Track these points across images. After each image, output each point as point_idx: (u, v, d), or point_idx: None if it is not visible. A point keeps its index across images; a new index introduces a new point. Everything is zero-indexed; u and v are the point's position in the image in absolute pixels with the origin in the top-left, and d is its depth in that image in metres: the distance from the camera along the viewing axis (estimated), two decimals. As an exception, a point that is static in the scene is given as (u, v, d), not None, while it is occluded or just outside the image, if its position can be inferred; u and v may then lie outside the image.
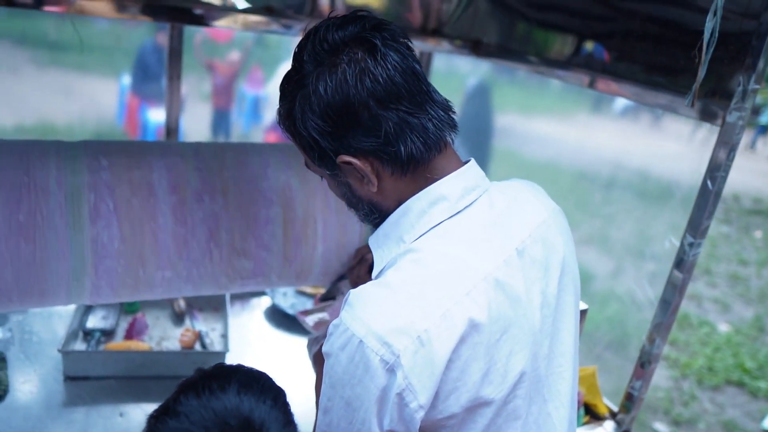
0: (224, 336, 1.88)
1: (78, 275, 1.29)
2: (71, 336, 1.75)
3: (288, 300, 2.15)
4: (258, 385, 0.92)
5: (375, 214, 1.01)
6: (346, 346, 0.87)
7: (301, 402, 1.73)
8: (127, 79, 6.16)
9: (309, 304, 2.15)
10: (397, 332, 0.86)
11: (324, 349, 0.92)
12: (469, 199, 0.98)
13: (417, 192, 0.97)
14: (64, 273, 1.28)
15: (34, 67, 7.82)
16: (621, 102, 9.05)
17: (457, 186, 0.97)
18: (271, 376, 1.00)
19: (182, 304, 1.97)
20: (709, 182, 1.42)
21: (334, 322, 0.90)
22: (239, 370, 0.96)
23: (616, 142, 8.64)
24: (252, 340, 1.95)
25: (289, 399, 1.05)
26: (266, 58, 7.60)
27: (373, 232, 1.04)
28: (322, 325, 1.60)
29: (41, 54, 8.04)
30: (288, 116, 0.96)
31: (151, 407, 1.64)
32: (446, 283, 0.90)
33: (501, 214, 1.00)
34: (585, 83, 1.80)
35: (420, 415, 0.86)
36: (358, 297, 0.90)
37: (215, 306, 2.01)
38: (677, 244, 1.53)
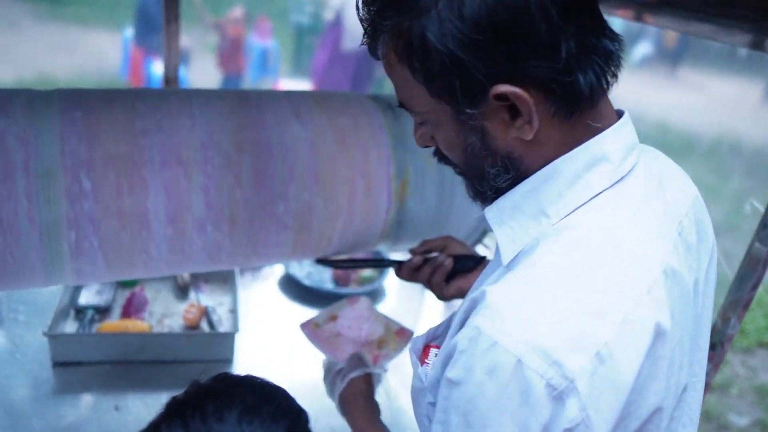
0: (233, 312, 1.65)
1: (54, 255, 1.05)
2: (60, 315, 1.52)
3: (304, 269, 1.92)
4: (269, 408, 0.69)
5: (508, 176, 0.72)
6: (496, 369, 0.62)
7: (322, 388, 1.52)
8: (130, 32, 5.85)
9: (326, 275, 1.91)
10: (568, 347, 0.62)
11: (452, 375, 0.65)
12: (630, 162, 0.72)
13: (572, 147, 0.70)
14: (36, 253, 1.04)
15: (33, 20, 7.48)
16: (641, 50, 8.67)
17: (619, 143, 0.72)
18: (289, 391, 0.77)
19: (186, 275, 1.73)
20: (758, 244, 1.15)
21: (466, 334, 0.65)
22: (245, 385, 0.72)
23: (633, 95, 8.30)
24: (265, 315, 1.72)
25: (310, 414, 0.81)
26: (273, 8, 7.25)
27: (482, 202, 0.77)
28: (336, 342, 1.31)
29: (41, 7, 7.71)
30: (408, 31, 0.66)
31: (151, 397, 1.43)
32: (621, 277, 0.66)
33: (657, 183, 0.75)
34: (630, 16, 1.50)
35: None
36: (504, 299, 0.65)
37: (223, 277, 1.77)
38: (762, 208, 1.26)
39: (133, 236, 1.07)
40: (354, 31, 5.34)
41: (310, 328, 1.33)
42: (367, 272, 1.90)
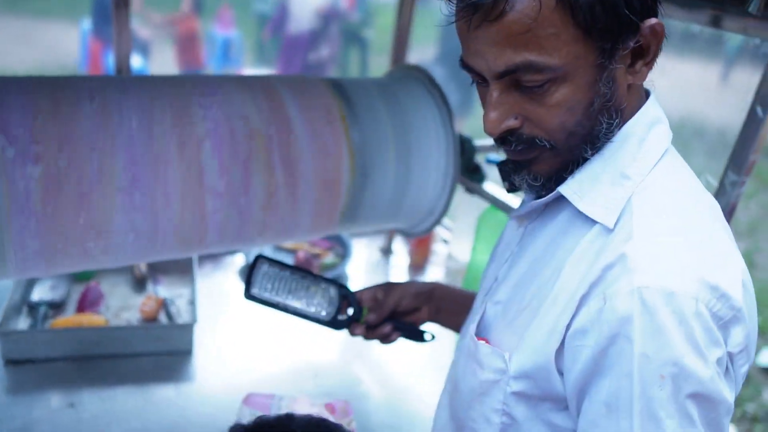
0: (192, 303, 1.61)
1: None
2: (12, 311, 1.47)
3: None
4: None
5: (616, 130, 0.75)
6: (683, 315, 0.65)
7: (284, 377, 1.49)
8: (87, 23, 5.71)
9: (289, 262, 1.87)
10: (726, 279, 0.67)
11: (640, 347, 0.65)
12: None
13: (638, 108, 0.76)
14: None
15: (-9, 14, 7.29)
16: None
17: (660, 108, 0.79)
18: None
19: (143, 267, 1.69)
20: (759, 109, 1.14)
21: (625, 300, 0.66)
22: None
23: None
24: (225, 306, 1.68)
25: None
26: (235, -3, 7.13)
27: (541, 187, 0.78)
28: None
29: (-2, 1, 7.51)
30: None
31: (107, 393, 1.39)
32: (716, 227, 0.73)
33: None
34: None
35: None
36: (652, 252, 0.68)
37: (181, 268, 1.73)
38: (715, 183, 1.26)
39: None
40: (298, 14, 5.32)
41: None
42: (329, 258, 1.87)
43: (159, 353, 1.46)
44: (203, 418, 1.33)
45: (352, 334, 1.16)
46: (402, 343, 1.20)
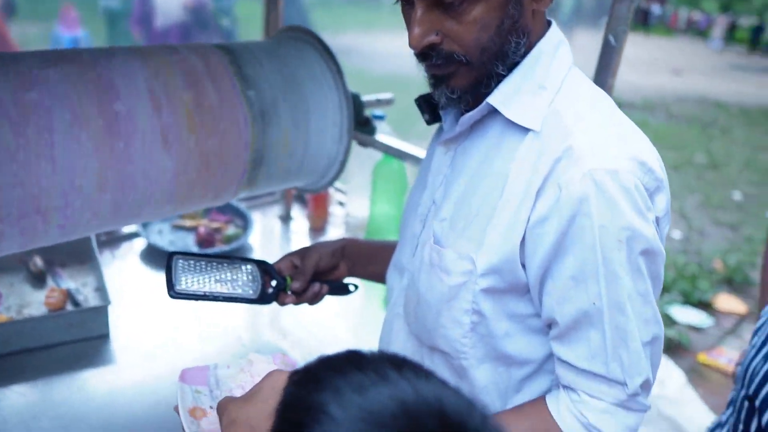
0: (100, 289, 1.57)
1: None
2: None
3: (165, 237, 1.86)
4: (410, 365, 0.57)
5: (523, 49, 0.87)
6: (628, 190, 0.79)
7: (209, 349, 1.50)
8: None
9: (190, 240, 1.87)
10: (649, 156, 0.82)
11: (597, 220, 0.79)
12: None
13: (544, 32, 0.90)
14: None
15: None
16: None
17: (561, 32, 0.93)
18: (173, 362, 0.75)
19: (38, 262, 1.63)
20: (611, 38, 1.28)
21: (579, 183, 0.79)
22: (363, 351, 0.60)
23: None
24: (134, 289, 1.66)
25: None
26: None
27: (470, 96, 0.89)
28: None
29: None
30: None
31: (25, 388, 1.34)
32: (623, 117, 0.89)
33: None
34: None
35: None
36: (590, 141, 0.81)
37: (80, 258, 1.68)
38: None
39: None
40: (164, 8, 5.17)
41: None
42: (230, 230, 1.88)
43: (74, 341, 1.43)
44: (130, 398, 1.32)
45: (282, 304, 1.19)
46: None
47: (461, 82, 0.87)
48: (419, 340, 1.02)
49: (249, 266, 1.20)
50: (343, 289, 1.26)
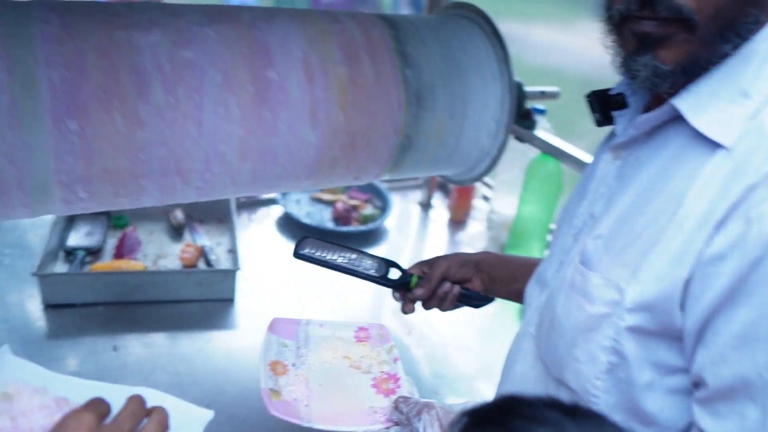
0: (232, 252, 1.59)
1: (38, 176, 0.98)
2: (49, 257, 1.45)
3: (302, 208, 1.86)
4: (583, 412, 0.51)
5: (749, 31, 0.70)
6: None
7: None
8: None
9: (326, 214, 1.85)
10: None
11: None
12: None
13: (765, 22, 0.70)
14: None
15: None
16: None
17: None
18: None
19: (180, 215, 1.67)
20: None
21: None
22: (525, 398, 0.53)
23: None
24: (264, 256, 1.66)
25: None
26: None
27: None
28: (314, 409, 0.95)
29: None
30: None
31: (150, 338, 1.38)
32: None
33: None
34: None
35: None
36: None
37: (219, 217, 1.71)
38: None
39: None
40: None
41: (274, 403, 0.93)
42: (368, 210, 1.85)
43: (200, 300, 1.45)
44: (247, 365, 1.32)
45: (404, 305, 1.13)
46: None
47: (675, 54, 0.70)
48: (546, 369, 0.91)
49: (377, 260, 1.16)
50: (476, 299, 1.16)
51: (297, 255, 1.09)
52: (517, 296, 1.11)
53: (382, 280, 1.11)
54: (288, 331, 1.06)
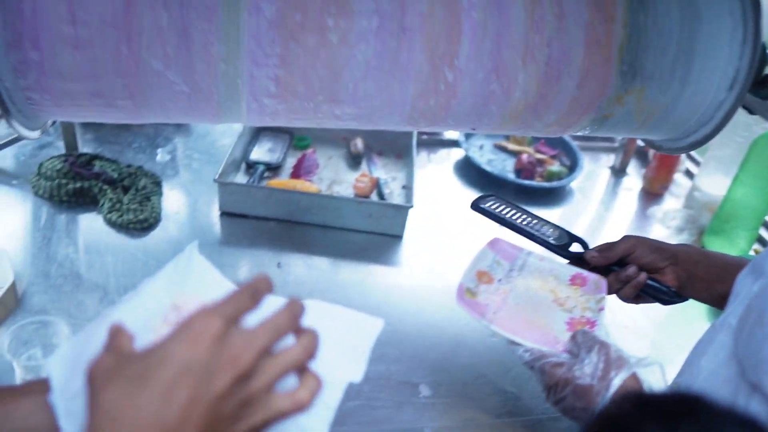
0: (407, 188, 1.54)
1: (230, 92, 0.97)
2: (231, 166, 1.49)
3: (484, 155, 1.77)
4: None
5: None
6: None
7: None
8: None
9: (509, 164, 1.75)
10: None
11: None
12: None
13: None
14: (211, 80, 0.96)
15: None
16: None
17: None
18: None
19: (359, 144, 1.64)
20: None
21: None
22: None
23: None
24: (438, 197, 1.60)
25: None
26: None
27: None
28: (505, 315, 0.97)
29: None
30: None
31: (313, 260, 1.37)
32: None
33: None
34: None
35: None
36: None
37: (398, 152, 1.67)
38: None
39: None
40: None
41: (465, 299, 0.98)
42: (554, 167, 1.72)
43: (368, 232, 1.42)
44: (404, 304, 1.28)
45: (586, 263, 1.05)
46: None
47: None
48: (741, 369, 0.77)
49: (559, 229, 1.10)
50: (666, 294, 1.02)
51: (475, 207, 1.09)
52: (718, 300, 0.96)
53: (560, 250, 1.06)
54: (507, 253, 1.06)
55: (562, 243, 1.07)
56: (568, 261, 1.08)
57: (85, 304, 1.16)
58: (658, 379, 0.85)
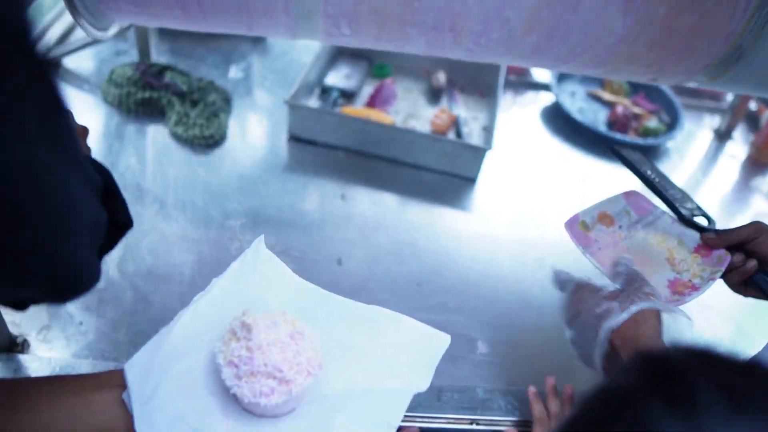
0: (487, 130, 1.45)
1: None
2: (304, 89, 1.42)
3: (576, 102, 1.65)
4: None
5: None
6: None
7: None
8: None
9: (601, 115, 1.62)
10: None
11: None
12: None
13: None
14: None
15: None
16: None
17: None
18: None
19: (441, 78, 1.55)
20: None
21: None
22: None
23: None
24: (521, 142, 1.50)
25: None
26: None
27: None
28: (610, 256, 0.98)
29: None
30: None
31: (379, 195, 1.30)
32: None
33: None
34: None
35: None
36: None
37: (481, 90, 1.57)
38: None
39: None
40: None
41: (576, 228, 1.02)
42: (652, 123, 1.58)
43: (441, 171, 1.34)
44: (472, 251, 1.20)
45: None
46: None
47: None
48: None
49: (687, 197, 1.05)
50: None
51: (614, 151, 1.08)
52: None
53: (682, 218, 1.01)
54: (640, 206, 1.05)
55: (687, 211, 1.01)
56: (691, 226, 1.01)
57: (143, 216, 1.14)
58: (685, 333, 0.81)
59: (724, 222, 1.14)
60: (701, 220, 1.00)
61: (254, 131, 1.39)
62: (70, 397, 0.62)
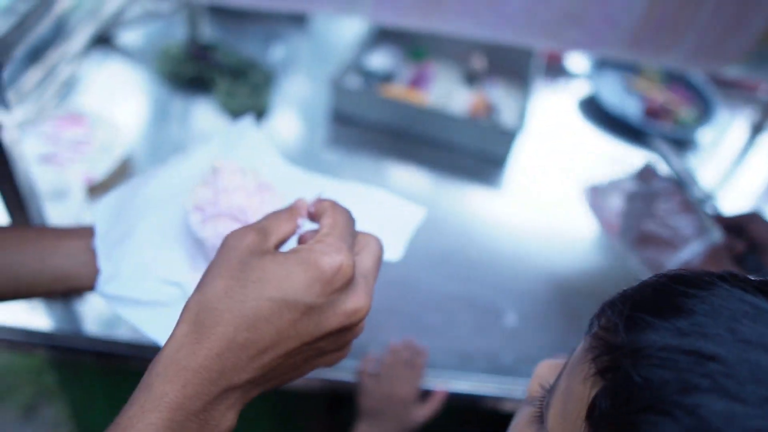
0: (522, 114, 1.51)
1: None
2: (345, 70, 1.50)
3: (611, 91, 1.70)
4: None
5: None
6: None
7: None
8: None
9: (636, 104, 1.67)
10: None
11: None
12: None
13: None
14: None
15: None
16: None
17: None
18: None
19: (478, 62, 1.62)
20: None
21: None
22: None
23: None
24: (554, 128, 1.57)
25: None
26: None
27: None
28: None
29: None
30: None
31: (414, 174, 1.39)
32: None
33: None
34: None
35: None
36: None
37: (518, 75, 1.63)
38: None
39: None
40: None
41: (593, 197, 1.14)
42: (684, 113, 1.63)
43: (475, 152, 1.42)
44: (504, 232, 1.28)
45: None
46: None
47: None
48: None
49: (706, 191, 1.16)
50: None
51: (646, 140, 1.26)
52: None
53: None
54: (653, 181, 1.15)
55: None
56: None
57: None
58: None
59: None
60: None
61: (295, 109, 1.48)
62: (41, 239, 0.63)
